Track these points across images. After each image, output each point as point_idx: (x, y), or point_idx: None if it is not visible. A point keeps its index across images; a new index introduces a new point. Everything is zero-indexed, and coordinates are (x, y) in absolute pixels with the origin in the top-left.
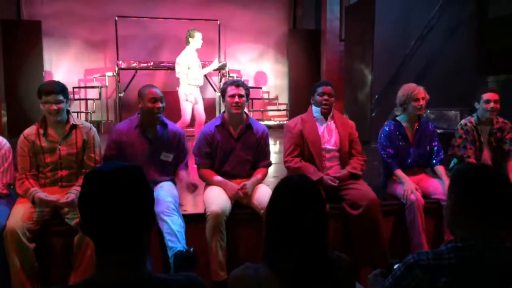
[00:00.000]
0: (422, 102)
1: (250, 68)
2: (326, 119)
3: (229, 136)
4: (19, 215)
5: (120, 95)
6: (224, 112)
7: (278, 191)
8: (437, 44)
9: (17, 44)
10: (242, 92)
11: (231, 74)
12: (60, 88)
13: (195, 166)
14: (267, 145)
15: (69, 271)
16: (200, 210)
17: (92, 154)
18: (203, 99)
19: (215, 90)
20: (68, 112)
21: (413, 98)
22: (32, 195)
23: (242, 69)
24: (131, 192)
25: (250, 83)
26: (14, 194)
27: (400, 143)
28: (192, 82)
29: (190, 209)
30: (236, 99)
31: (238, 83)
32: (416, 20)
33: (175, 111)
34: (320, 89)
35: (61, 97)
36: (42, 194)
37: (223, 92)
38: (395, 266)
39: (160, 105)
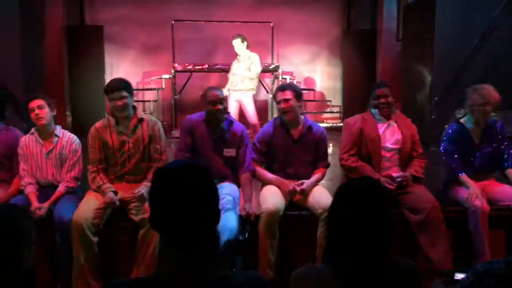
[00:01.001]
0: (493, 106)
1: (302, 69)
2: (388, 118)
3: (288, 137)
4: (86, 209)
5: (176, 97)
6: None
7: (342, 193)
8: (501, 44)
9: (81, 49)
10: (288, 96)
11: (283, 76)
12: (123, 85)
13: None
14: (325, 146)
15: (131, 265)
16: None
17: (157, 146)
18: (255, 101)
19: (267, 92)
20: (134, 107)
21: (487, 102)
22: (104, 193)
23: (295, 70)
24: (198, 189)
25: (302, 85)
26: (80, 190)
27: (465, 146)
28: (230, 88)
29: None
30: (282, 105)
31: (283, 87)
32: (479, 20)
33: None
34: (374, 93)
35: (125, 93)
36: (112, 194)
37: (274, 98)
38: (458, 276)
39: (220, 106)
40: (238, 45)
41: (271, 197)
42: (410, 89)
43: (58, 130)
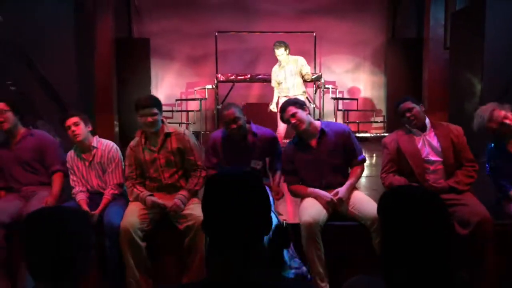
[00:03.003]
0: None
1: (345, 79)
2: (423, 129)
3: (308, 149)
4: (132, 215)
5: (218, 106)
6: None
7: (395, 201)
8: None
9: (129, 61)
10: (292, 110)
11: (326, 86)
12: (153, 102)
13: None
14: (353, 142)
15: (179, 272)
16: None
17: (191, 157)
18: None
19: (309, 102)
20: (162, 121)
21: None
22: (143, 198)
23: (338, 80)
24: (250, 195)
25: (346, 95)
26: (126, 195)
27: (507, 161)
28: (281, 94)
29: (290, 219)
30: (291, 120)
31: (283, 107)
32: None
33: (273, 122)
34: (399, 110)
35: (155, 110)
36: (153, 197)
37: (282, 121)
38: None
39: (235, 125)
40: (282, 53)
41: (310, 209)
42: (459, 98)
43: (95, 141)
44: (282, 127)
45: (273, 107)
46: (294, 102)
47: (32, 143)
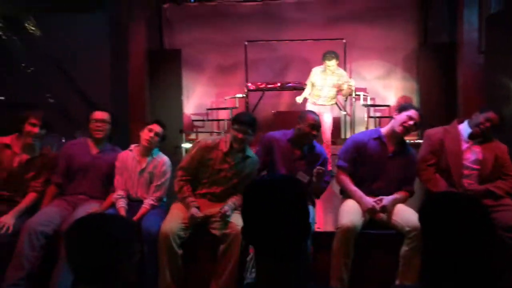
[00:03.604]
0: None
1: (376, 85)
2: (481, 142)
3: (383, 150)
4: (172, 221)
5: None
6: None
7: (439, 208)
8: None
9: (160, 71)
10: (418, 120)
11: (357, 93)
12: (250, 122)
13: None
14: (414, 170)
15: (208, 279)
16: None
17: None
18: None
19: (340, 109)
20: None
21: None
22: (188, 206)
23: (368, 86)
24: (290, 202)
25: (377, 101)
26: (164, 204)
27: None
28: (310, 98)
29: (323, 226)
30: (412, 122)
31: (419, 110)
32: None
33: None
34: (480, 117)
35: (249, 130)
36: (196, 210)
37: (401, 109)
38: None
39: (316, 132)
40: (333, 64)
41: (349, 214)
42: (495, 103)
43: (156, 151)
44: (327, 134)
45: (299, 99)
46: (420, 112)
47: (112, 158)
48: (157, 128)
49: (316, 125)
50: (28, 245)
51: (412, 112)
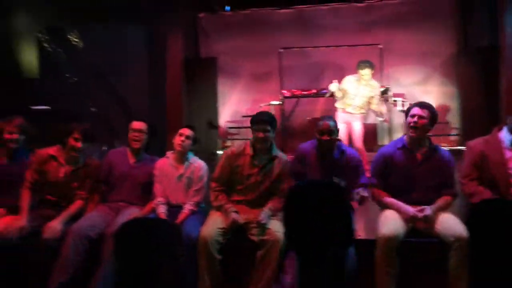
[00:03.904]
0: None
1: (414, 91)
2: None
3: (411, 159)
4: (211, 227)
5: (284, 122)
6: (405, 134)
7: (486, 216)
8: None
9: (197, 79)
10: (425, 114)
11: (394, 98)
12: (269, 119)
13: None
14: (452, 173)
15: (248, 284)
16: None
17: (285, 186)
18: (363, 124)
19: (377, 116)
20: (272, 143)
21: None
22: (227, 212)
23: (406, 92)
24: (334, 207)
25: None
26: (203, 211)
27: None
28: (339, 106)
29: (364, 234)
30: (415, 119)
31: (423, 105)
32: None
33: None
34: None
35: (268, 127)
36: (235, 215)
37: (406, 112)
38: None
39: (328, 137)
40: (367, 73)
41: (389, 223)
42: None
43: (191, 156)
44: (358, 142)
45: (332, 87)
46: (433, 112)
47: (149, 168)
48: (187, 131)
49: (325, 130)
50: (73, 249)
51: (413, 110)
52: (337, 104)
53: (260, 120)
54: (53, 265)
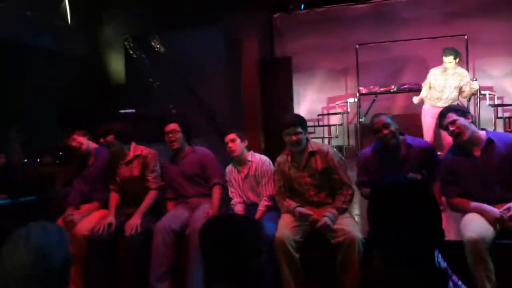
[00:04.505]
0: None
1: (504, 83)
2: None
3: (471, 158)
4: (284, 226)
5: (360, 120)
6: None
7: None
8: None
9: (272, 79)
10: (452, 118)
11: (482, 92)
12: (298, 121)
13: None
14: None
15: (330, 282)
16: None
17: (337, 176)
18: None
19: None
20: (307, 139)
21: None
22: (292, 210)
23: (495, 85)
24: (419, 206)
25: (506, 100)
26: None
27: None
28: (428, 101)
29: (453, 235)
30: (453, 127)
31: (443, 112)
32: None
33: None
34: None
35: (299, 129)
36: (302, 208)
37: (441, 123)
38: None
39: (387, 131)
40: (451, 61)
41: (474, 225)
42: None
43: (250, 155)
44: (429, 137)
45: (416, 100)
46: (455, 109)
47: (195, 159)
48: (229, 138)
49: (381, 125)
50: (162, 243)
51: (448, 118)
52: (425, 99)
53: (290, 124)
54: (141, 258)
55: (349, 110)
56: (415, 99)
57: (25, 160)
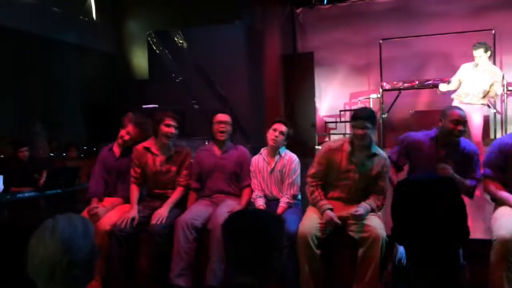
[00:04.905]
0: None
1: None
2: None
3: None
4: (309, 223)
5: (383, 116)
6: None
7: None
8: None
9: (294, 74)
10: None
11: (509, 88)
12: (368, 115)
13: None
14: None
15: (351, 281)
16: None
17: (382, 183)
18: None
19: (489, 107)
20: (371, 139)
21: None
22: (322, 210)
23: None
24: (444, 203)
25: None
26: (301, 203)
27: None
28: (456, 97)
29: (480, 234)
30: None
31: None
32: None
33: None
34: None
35: (368, 124)
36: (332, 213)
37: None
38: None
39: (462, 128)
40: (481, 55)
41: (507, 223)
42: None
43: (283, 150)
44: (478, 137)
45: (442, 87)
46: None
47: (236, 156)
48: (281, 127)
49: (462, 120)
50: (183, 239)
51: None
52: (453, 95)
53: (360, 117)
54: (161, 251)
55: (371, 106)
56: (442, 87)
57: (51, 154)
